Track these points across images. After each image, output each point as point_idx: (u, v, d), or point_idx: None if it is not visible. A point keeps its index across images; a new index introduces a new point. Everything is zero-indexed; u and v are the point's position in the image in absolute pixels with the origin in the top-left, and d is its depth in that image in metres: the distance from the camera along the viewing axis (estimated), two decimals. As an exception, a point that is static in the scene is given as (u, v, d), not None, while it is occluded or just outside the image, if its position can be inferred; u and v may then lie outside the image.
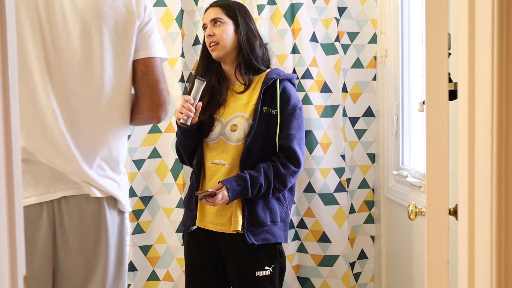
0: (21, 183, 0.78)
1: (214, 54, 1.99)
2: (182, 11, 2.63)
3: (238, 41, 1.98)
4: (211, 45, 1.98)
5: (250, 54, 1.98)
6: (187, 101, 1.88)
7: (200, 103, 1.91)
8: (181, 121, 1.89)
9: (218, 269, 2.03)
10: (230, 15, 1.98)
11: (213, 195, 1.84)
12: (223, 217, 1.97)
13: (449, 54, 1.08)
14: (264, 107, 1.95)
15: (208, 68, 2.04)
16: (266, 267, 1.96)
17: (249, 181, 1.88)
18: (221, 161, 1.97)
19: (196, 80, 1.91)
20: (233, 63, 2.02)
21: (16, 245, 0.75)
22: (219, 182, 1.89)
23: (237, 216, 1.93)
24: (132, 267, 2.64)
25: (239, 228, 1.92)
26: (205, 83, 1.90)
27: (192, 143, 2.01)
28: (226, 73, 2.04)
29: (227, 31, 1.97)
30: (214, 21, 1.98)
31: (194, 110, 1.88)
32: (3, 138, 0.73)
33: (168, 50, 2.64)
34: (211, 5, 2.03)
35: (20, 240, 0.76)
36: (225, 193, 1.85)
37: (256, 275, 1.95)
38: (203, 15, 2.06)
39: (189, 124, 1.90)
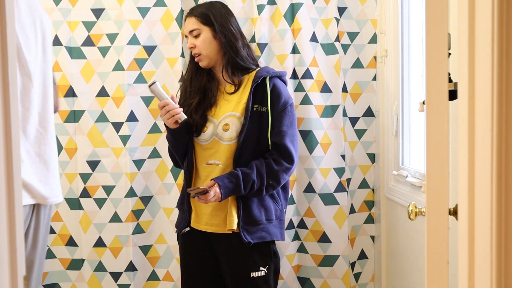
0: (21, 184, 0.78)
1: (200, 64, 2.01)
2: (182, 11, 2.62)
3: (220, 45, 1.98)
4: (195, 56, 2.00)
5: (235, 57, 1.98)
6: (163, 106, 1.90)
7: (173, 95, 1.95)
8: (178, 121, 1.92)
9: (213, 271, 2.03)
10: (206, 22, 1.98)
11: (204, 192, 1.84)
12: (217, 218, 1.97)
13: (449, 54, 1.08)
14: (255, 105, 1.95)
15: (198, 71, 2.04)
16: (261, 268, 1.96)
17: (241, 178, 1.88)
18: (215, 161, 1.97)
19: (150, 89, 1.92)
20: (220, 65, 2.02)
21: (16, 245, 0.75)
22: (211, 180, 1.90)
23: (232, 215, 1.93)
24: (132, 267, 2.65)
25: (235, 227, 1.92)
26: (156, 83, 1.92)
27: (183, 143, 2.02)
28: (215, 74, 2.05)
29: (206, 40, 1.97)
30: (192, 32, 1.99)
31: (176, 105, 1.91)
32: (3, 139, 0.73)
33: (168, 50, 2.65)
34: (187, 15, 2.03)
35: (20, 240, 0.76)
36: (217, 190, 1.85)
37: (251, 276, 1.95)
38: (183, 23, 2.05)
39: (184, 118, 1.92)
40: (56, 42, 2.59)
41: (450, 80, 1.10)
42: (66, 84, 2.61)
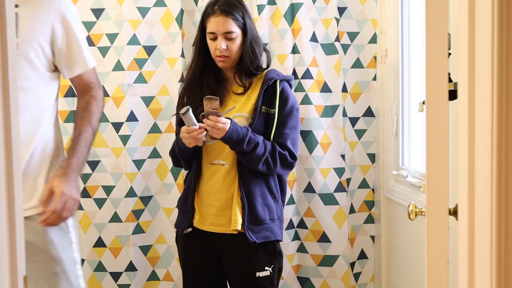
0: (21, 185, 0.78)
1: (221, 65, 1.98)
2: (182, 11, 2.62)
3: (243, 50, 1.97)
4: (221, 57, 1.95)
5: (250, 65, 1.98)
6: (191, 131, 1.84)
7: (203, 124, 1.88)
8: (201, 143, 1.91)
9: (216, 271, 2.03)
10: (240, 25, 1.94)
11: (218, 115, 1.84)
12: (223, 218, 1.96)
13: (449, 54, 1.08)
14: (262, 107, 1.96)
15: (206, 67, 2.01)
16: (266, 268, 1.96)
17: (250, 132, 1.89)
18: (219, 161, 1.96)
19: (182, 116, 1.85)
20: (234, 68, 2.01)
21: (16, 245, 0.75)
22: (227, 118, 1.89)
23: (237, 216, 1.93)
24: (132, 267, 2.64)
25: (239, 228, 1.92)
26: (189, 110, 1.85)
27: (192, 154, 2.00)
28: (225, 74, 2.04)
29: (239, 45, 1.95)
30: (227, 34, 1.93)
31: (202, 132, 1.86)
32: (3, 140, 0.73)
33: (168, 50, 2.65)
34: (221, 13, 1.93)
35: (20, 240, 0.76)
36: (228, 124, 1.84)
37: (257, 275, 1.94)
38: (209, 19, 1.96)
39: (204, 142, 1.91)
40: (56, 42, 2.59)
41: (450, 80, 1.10)
42: (66, 84, 2.60)
